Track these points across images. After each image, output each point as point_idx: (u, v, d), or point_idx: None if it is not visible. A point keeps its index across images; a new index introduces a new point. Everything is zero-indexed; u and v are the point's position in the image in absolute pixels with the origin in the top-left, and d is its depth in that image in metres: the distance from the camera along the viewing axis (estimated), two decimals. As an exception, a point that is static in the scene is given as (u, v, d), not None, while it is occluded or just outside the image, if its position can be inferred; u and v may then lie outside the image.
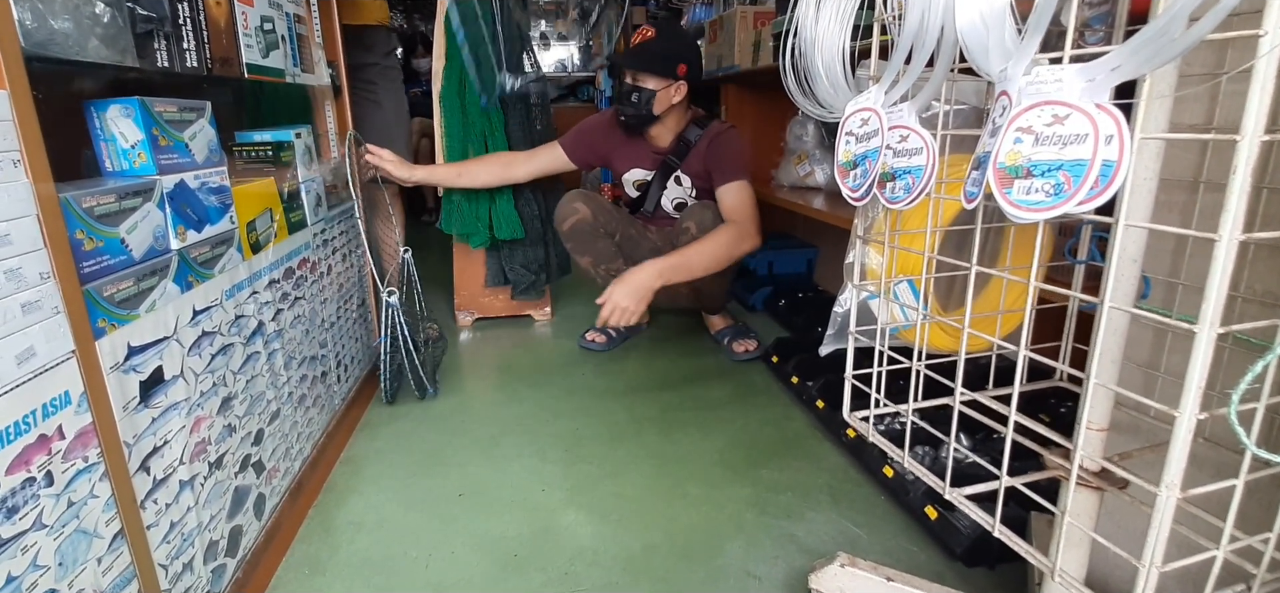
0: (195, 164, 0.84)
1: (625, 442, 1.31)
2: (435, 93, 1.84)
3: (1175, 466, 0.41)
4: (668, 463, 1.23)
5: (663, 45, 1.57)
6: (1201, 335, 0.38)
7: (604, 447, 1.29)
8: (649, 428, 1.37)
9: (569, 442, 1.32)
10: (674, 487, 1.15)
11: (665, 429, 1.36)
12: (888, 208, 0.61)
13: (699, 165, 1.66)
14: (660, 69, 1.56)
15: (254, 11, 1.05)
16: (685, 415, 1.42)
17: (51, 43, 0.64)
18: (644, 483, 1.17)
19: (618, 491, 1.15)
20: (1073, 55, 0.45)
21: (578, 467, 1.22)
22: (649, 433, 1.35)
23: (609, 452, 1.28)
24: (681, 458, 1.25)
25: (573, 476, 1.20)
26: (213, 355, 0.85)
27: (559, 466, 1.23)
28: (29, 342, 0.56)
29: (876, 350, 0.71)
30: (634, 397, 1.52)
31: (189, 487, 0.79)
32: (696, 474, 1.19)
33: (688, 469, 1.21)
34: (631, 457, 1.26)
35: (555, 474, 1.20)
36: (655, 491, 1.14)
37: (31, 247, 0.57)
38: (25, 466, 0.56)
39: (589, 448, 1.29)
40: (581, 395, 1.53)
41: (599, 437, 1.33)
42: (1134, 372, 0.74)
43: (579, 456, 1.26)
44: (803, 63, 0.63)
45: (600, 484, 1.16)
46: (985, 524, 0.57)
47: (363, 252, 1.52)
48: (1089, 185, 0.41)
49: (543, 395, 1.53)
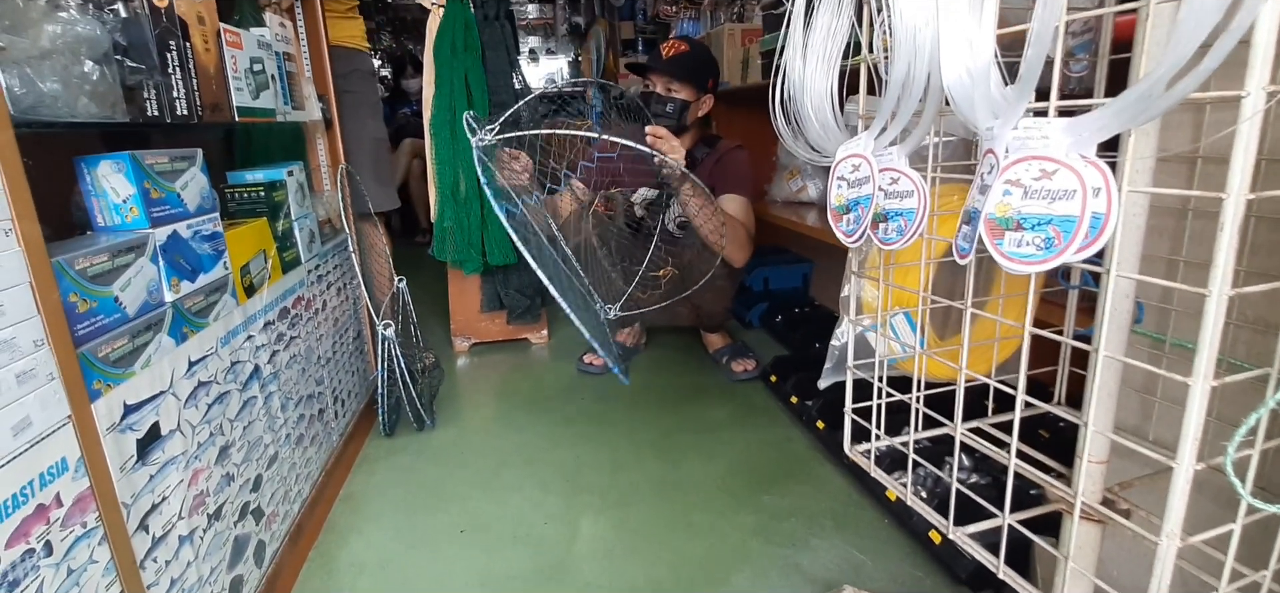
0: (187, 213, 0.84)
1: (627, 469, 1.31)
2: (426, 120, 1.85)
3: (1175, 514, 0.41)
4: (670, 490, 1.23)
5: (696, 59, 1.60)
6: (1195, 388, 0.39)
7: (606, 475, 1.29)
8: (650, 454, 1.36)
9: (570, 471, 1.31)
10: (678, 516, 1.15)
11: (666, 454, 1.36)
12: (882, 248, 0.61)
13: (706, 182, 1.65)
14: (695, 80, 1.59)
15: (243, 54, 1.05)
16: (686, 439, 1.42)
17: (41, 106, 0.64)
18: (647, 513, 1.16)
19: (621, 521, 1.14)
20: (1058, 106, 0.45)
21: (579, 497, 1.22)
22: (650, 459, 1.34)
23: (611, 481, 1.27)
24: (684, 485, 1.24)
25: (575, 507, 1.19)
26: (209, 405, 0.85)
27: (560, 497, 1.23)
28: (25, 412, 0.56)
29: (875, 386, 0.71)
30: (634, 421, 1.52)
31: (188, 541, 0.78)
32: (700, 502, 1.19)
33: (691, 497, 1.20)
34: (634, 485, 1.25)
35: (557, 507, 1.19)
36: (659, 520, 1.14)
37: (25, 315, 0.57)
38: (24, 538, 0.55)
39: (590, 477, 1.29)
40: (581, 422, 1.53)
41: (600, 465, 1.33)
42: (1131, 397, 0.74)
43: (580, 485, 1.26)
44: (793, 106, 0.64)
45: (603, 516, 1.16)
46: (989, 564, 0.57)
47: (357, 284, 1.51)
48: (1079, 239, 0.41)
49: (542, 423, 1.53)
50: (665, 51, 1.61)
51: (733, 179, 1.64)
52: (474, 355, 2.02)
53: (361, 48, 1.88)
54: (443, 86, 1.80)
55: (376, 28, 5.34)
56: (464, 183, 1.85)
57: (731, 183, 1.63)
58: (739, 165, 1.66)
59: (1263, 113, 0.37)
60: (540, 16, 5.74)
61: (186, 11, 0.88)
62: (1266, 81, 0.35)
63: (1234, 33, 0.34)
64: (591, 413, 1.57)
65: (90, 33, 0.71)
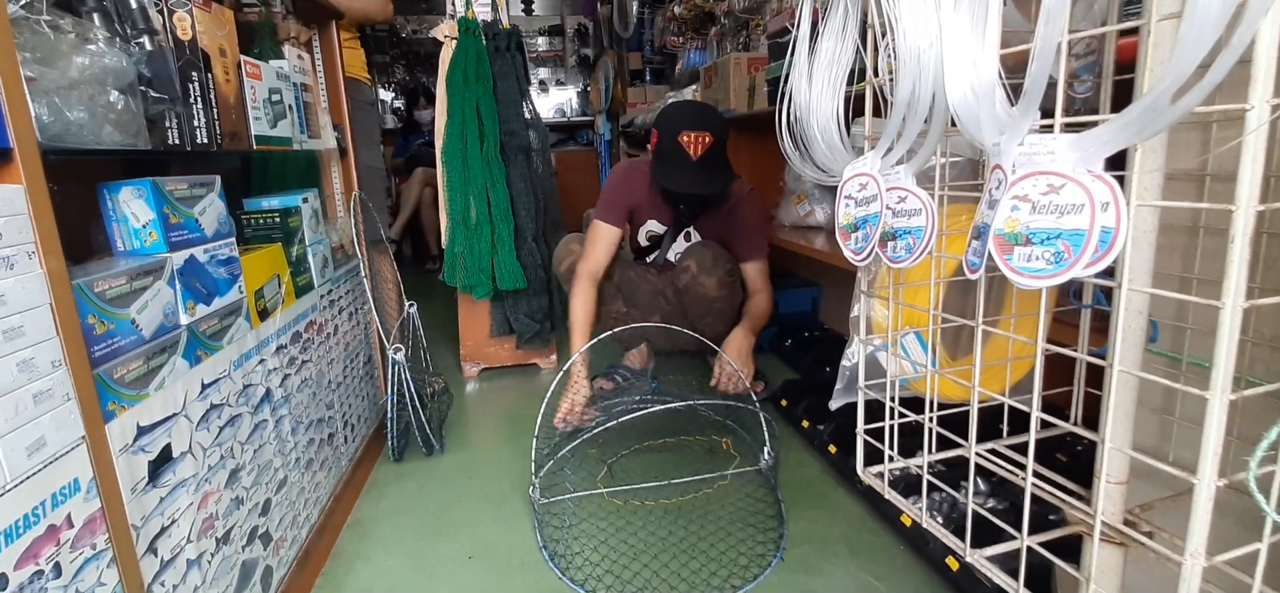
0: (205, 238, 0.85)
1: (637, 493, 1.29)
2: (438, 148, 1.88)
3: (1198, 534, 0.40)
4: (681, 516, 1.21)
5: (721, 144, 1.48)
6: (1213, 403, 0.38)
7: (616, 499, 1.28)
8: (661, 477, 1.35)
9: (591, 508, 1.30)
10: (691, 542, 1.13)
11: (676, 479, 1.34)
12: (890, 267, 0.61)
13: (715, 228, 1.65)
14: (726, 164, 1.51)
15: (262, 85, 1.08)
16: (697, 463, 1.41)
17: (67, 134, 0.66)
18: (659, 537, 1.15)
19: (632, 546, 1.13)
20: (1064, 123, 0.45)
21: (589, 523, 1.20)
22: (660, 484, 1.33)
23: (621, 504, 1.26)
24: (695, 510, 1.23)
25: (583, 531, 1.18)
26: (221, 427, 0.85)
27: (569, 520, 1.21)
28: (40, 432, 0.56)
29: (887, 406, 0.70)
30: (643, 444, 1.50)
31: (196, 565, 0.78)
32: (712, 528, 1.17)
33: (702, 523, 1.19)
34: (643, 509, 1.24)
35: (565, 531, 1.18)
36: (671, 545, 1.12)
37: (44, 336, 0.58)
38: (34, 559, 0.55)
39: (600, 501, 1.27)
40: (590, 445, 1.52)
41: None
42: (1148, 417, 0.73)
43: (590, 510, 1.24)
44: (799, 128, 0.65)
45: (613, 540, 1.15)
46: (1009, 588, 0.56)
47: (368, 309, 1.53)
48: (1089, 253, 0.41)
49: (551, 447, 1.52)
50: (693, 153, 1.45)
51: (753, 237, 1.62)
52: (483, 381, 2.02)
53: (362, 78, 1.92)
54: (454, 115, 1.84)
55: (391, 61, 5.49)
56: (475, 209, 1.88)
57: (751, 244, 1.61)
58: (755, 218, 1.63)
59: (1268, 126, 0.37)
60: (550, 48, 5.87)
61: (209, 44, 0.91)
62: (1269, 95, 0.35)
63: (1235, 48, 0.34)
64: (600, 437, 1.56)
65: (116, 64, 0.73)
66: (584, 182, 4.77)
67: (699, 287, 1.57)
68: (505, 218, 1.89)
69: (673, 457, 1.46)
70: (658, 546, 1.13)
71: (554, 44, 5.85)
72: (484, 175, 1.87)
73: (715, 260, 1.56)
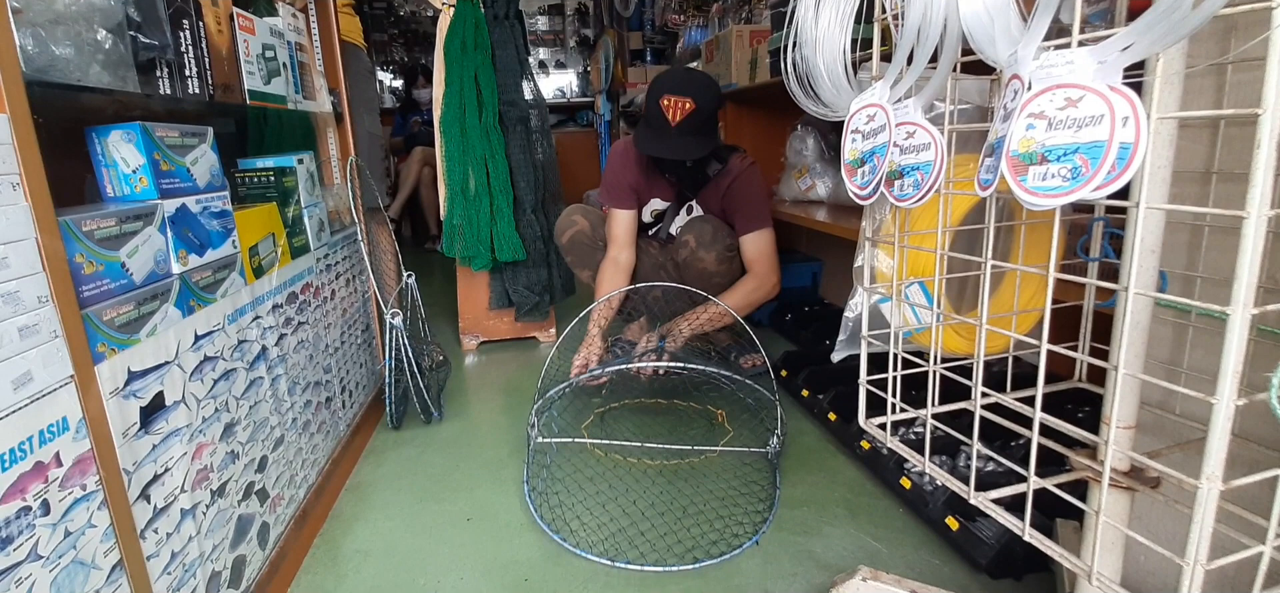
0: (197, 189, 0.84)
1: (627, 489, 1.28)
2: (436, 118, 1.86)
3: (1215, 456, 0.39)
4: (680, 481, 1.20)
5: (703, 111, 1.44)
6: (1235, 317, 0.37)
7: (616, 465, 1.27)
8: (659, 444, 1.34)
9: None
10: (688, 505, 1.13)
11: (664, 468, 1.33)
12: (896, 206, 0.59)
13: (716, 203, 1.62)
14: (709, 127, 1.47)
15: (256, 39, 1.06)
16: (695, 432, 1.40)
17: (52, 68, 0.65)
18: (657, 501, 1.14)
19: (630, 508, 1.12)
20: (1081, 39, 0.44)
21: (588, 486, 1.20)
22: (659, 449, 1.32)
23: (620, 470, 1.25)
24: (694, 475, 1.22)
25: (583, 495, 1.17)
26: (215, 381, 0.84)
27: (569, 485, 1.20)
28: (26, 366, 0.55)
29: (890, 355, 0.69)
30: (643, 414, 1.50)
31: (191, 515, 0.77)
32: (709, 491, 1.16)
33: (701, 487, 1.18)
34: (643, 473, 1.23)
35: (565, 495, 1.17)
36: (668, 507, 1.12)
37: (29, 270, 0.56)
38: (21, 494, 0.54)
39: (600, 466, 1.27)
40: (589, 414, 1.51)
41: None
42: (1155, 369, 0.72)
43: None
44: (804, 66, 0.63)
45: (612, 504, 1.14)
46: (1014, 528, 0.55)
47: (366, 277, 1.51)
48: (1107, 168, 0.40)
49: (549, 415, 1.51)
50: (671, 118, 1.43)
51: (753, 209, 1.57)
52: (482, 353, 2.01)
53: (358, 44, 1.89)
54: (452, 84, 1.82)
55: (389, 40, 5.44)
56: (473, 180, 1.86)
57: (752, 213, 1.56)
58: (756, 189, 1.58)
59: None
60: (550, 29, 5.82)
61: (200, -10, 0.89)
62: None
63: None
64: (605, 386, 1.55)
65: (104, 2, 0.71)
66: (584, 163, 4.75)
67: (698, 262, 1.55)
68: (504, 189, 1.88)
69: (666, 420, 1.45)
70: (641, 502, 1.13)
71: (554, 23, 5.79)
72: (483, 146, 1.85)
73: (714, 235, 1.54)
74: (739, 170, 1.60)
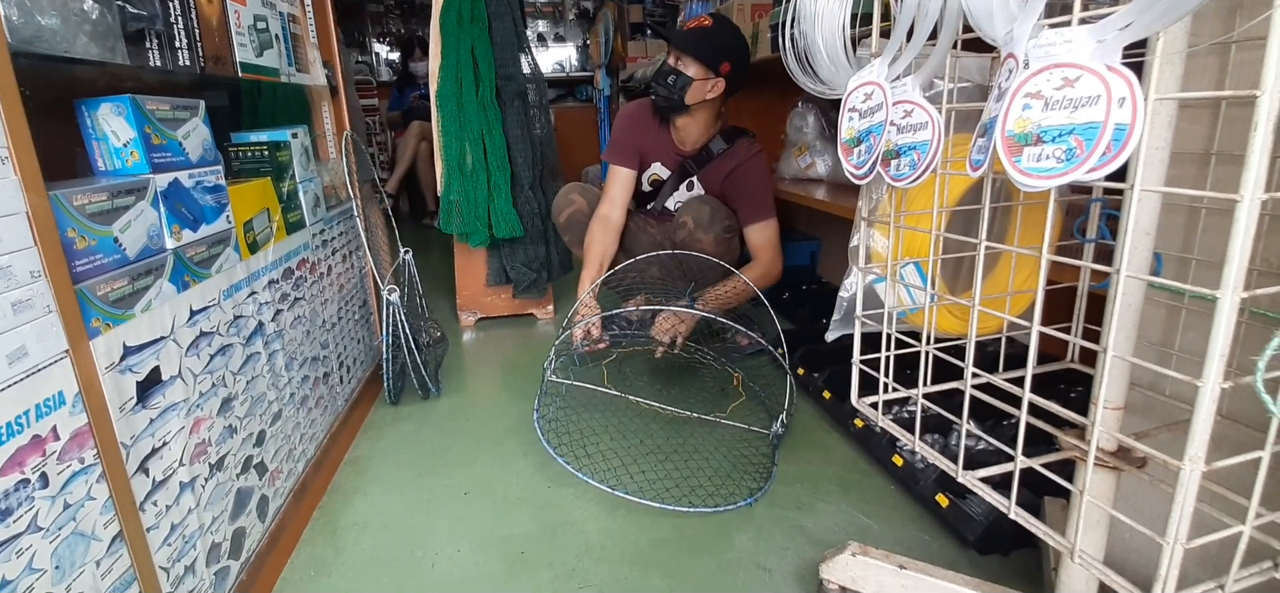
0: (189, 163, 0.83)
1: (631, 435, 1.30)
2: (432, 93, 1.84)
3: (1199, 437, 0.40)
4: (674, 456, 1.22)
5: (714, 36, 1.48)
6: (1224, 301, 0.37)
7: (610, 441, 1.28)
8: (655, 422, 1.35)
9: (575, 437, 1.30)
10: (682, 480, 1.14)
11: (671, 423, 1.35)
12: (892, 186, 0.59)
13: (717, 184, 1.61)
14: (706, 57, 1.48)
15: (247, 10, 1.04)
16: (691, 408, 1.41)
17: (38, 39, 0.64)
18: (651, 477, 1.16)
19: (625, 485, 1.13)
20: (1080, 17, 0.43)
21: (584, 462, 1.21)
22: (655, 427, 1.33)
23: (615, 446, 1.26)
24: (687, 450, 1.23)
25: (581, 470, 1.18)
26: (211, 356, 0.84)
27: (566, 461, 1.22)
28: (20, 341, 0.55)
29: (884, 335, 0.69)
30: (639, 391, 1.51)
31: (190, 489, 0.78)
32: (704, 466, 1.18)
33: (695, 463, 1.19)
34: (638, 451, 1.24)
35: (561, 471, 1.19)
36: (663, 484, 1.13)
37: (21, 245, 0.56)
38: (19, 467, 0.55)
39: (596, 443, 1.28)
40: (586, 392, 1.52)
41: (606, 431, 1.32)
42: (1147, 351, 0.72)
43: (585, 450, 1.25)
44: (803, 41, 0.62)
45: (608, 479, 1.15)
46: (1000, 506, 0.56)
47: (363, 252, 1.51)
48: (1101, 150, 0.40)
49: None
50: (688, 24, 1.52)
51: (758, 197, 1.56)
52: (480, 330, 2.02)
53: None
54: (449, 58, 1.79)
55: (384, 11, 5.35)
56: (470, 155, 1.84)
57: (757, 203, 1.56)
58: (762, 177, 1.57)
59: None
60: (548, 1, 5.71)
61: (188, -41, 0.87)
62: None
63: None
64: (596, 383, 1.56)
65: (89, -29, 0.70)
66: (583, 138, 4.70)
67: (696, 243, 1.55)
68: (501, 165, 1.86)
69: (681, 375, 1.47)
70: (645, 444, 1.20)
71: (553, -4, 5.68)
72: (479, 120, 1.84)
73: (712, 216, 1.53)
74: (746, 156, 1.59)
